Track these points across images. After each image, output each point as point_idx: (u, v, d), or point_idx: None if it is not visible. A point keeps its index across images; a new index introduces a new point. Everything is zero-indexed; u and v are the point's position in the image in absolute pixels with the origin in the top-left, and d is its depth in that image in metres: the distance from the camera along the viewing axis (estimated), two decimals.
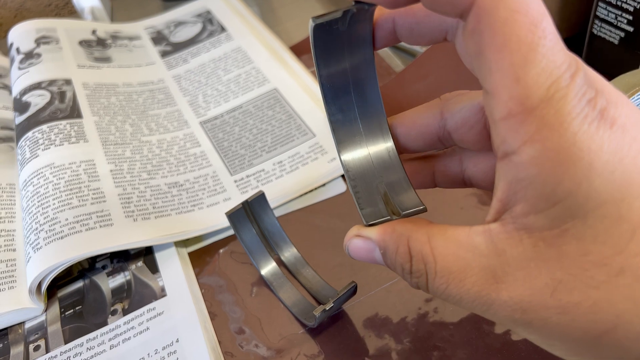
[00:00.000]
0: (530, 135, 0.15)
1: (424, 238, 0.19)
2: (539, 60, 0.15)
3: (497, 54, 0.15)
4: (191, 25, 0.56)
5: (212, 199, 0.38)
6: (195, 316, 0.32)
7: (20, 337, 0.33)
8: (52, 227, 0.34)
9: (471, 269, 0.17)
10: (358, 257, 0.22)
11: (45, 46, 0.50)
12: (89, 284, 0.35)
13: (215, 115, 0.45)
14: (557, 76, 0.15)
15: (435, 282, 0.18)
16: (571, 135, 0.15)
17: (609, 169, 0.15)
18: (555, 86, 0.15)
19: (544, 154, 0.15)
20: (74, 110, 0.44)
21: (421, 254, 0.19)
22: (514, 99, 0.15)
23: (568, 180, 0.15)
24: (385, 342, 0.30)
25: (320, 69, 0.21)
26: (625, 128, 0.15)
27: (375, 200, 0.22)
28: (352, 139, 0.23)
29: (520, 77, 0.15)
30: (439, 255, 0.18)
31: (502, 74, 0.15)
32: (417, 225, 0.20)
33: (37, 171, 0.38)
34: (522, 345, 0.28)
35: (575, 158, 0.15)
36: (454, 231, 0.18)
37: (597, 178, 0.15)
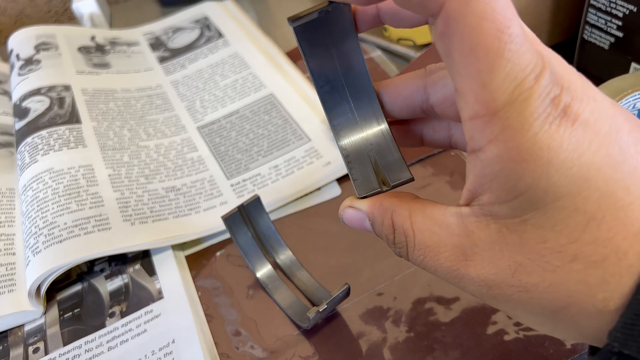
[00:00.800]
0: (494, 135, 0.16)
1: (405, 213, 0.21)
2: (504, 65, 0.16)
3: (465, 59, 0.16)
4: (189, 31, 0.57)
5: (208, 202, 0.39)
6: (191, 318, 0.32)
7: (20, 340, 0.34)
8: (51, 231, 0.35)
9: (444, 245, 0.19)
10: (351, 225, 0.23)
11: (44, 52, 0.51)
12: (88, 287, 0.36)
13: (212, 120, 0.46)
14: (521, 79, 0.16)
15: (414, 253, 0.21)
16: (532, 135, 0.16)
17: (568, 165, 0.16)
18: (519, 89, 0.16)
19: (506, 153, 0.16)
20: (73, 115, 0.44)
21: (402, 227, 0.21)
22: (479, 102, 0.16)
23: (528, 176, 0.16)
24: (379, 342, 0.30)
25: (309, 62, 0.22)
26: (588, 123, 0.16)
27: (367, 171, 0.23)
28: (343, 114, 0.24)
29: (486, 82, 0.16)
30: (417, 230, 0.20)
31: (469, 78, 0.16)
32: (401, 201, 0.21)
33: (36, 176, 0.39)
34: (513, 345, 0.29)
35: (535, 157, 0.16)
36: (432, 209, 0.20)
37: (555, 174, 0.16)
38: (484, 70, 0.16)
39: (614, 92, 0.34)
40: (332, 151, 0.41)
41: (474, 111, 0.17)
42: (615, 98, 0.34)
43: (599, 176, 0.16)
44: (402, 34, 0.51)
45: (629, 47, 0.40)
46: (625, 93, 0.34)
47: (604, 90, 0.34)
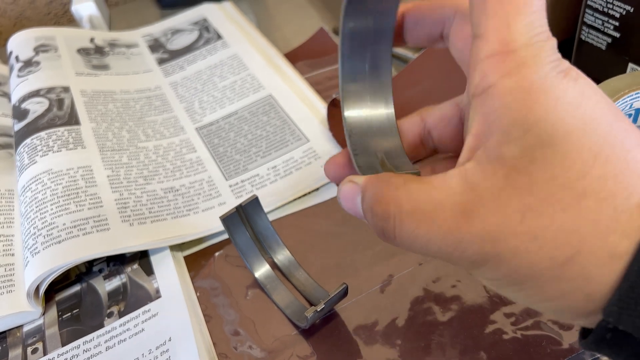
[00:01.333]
0: (509, 70, 0.17)
1: (399, 181, 0.20)
2: (528, 15, 0.18)
3: (497, 4, 0.18)
4: (188, 33, 0.57)
5: (207, 203, 0.39)
6: (187, 317, 0.32)
7: (19, 340, 0.34)
8: (49, 232, 0.35)
9: (442, 207, 0.18)
10: (345, 204, 0.22)
11: (44, 54, 0.51)
12: (86, 287, 0.36)
13: (210, 121, 0.46)
14: (539, 32, 0.18)
15: (405, 224, 0.19)
16: (544, 74, 0.17)
17: (575, 104, 0.17)
18: (536, 38, 0.17)
19: (518, 85, 0.17)
20: (72, 117, 0.44)
21: (394, 197, 0.19)
22: (501, 41, 0.18)
23: (538, 108, 0.17)
24: (377, 342, 0.30)
25: (346, 20, 0.22)
26: (587, 85, 0.18)
27: (374, 164, 0.23)
28: (358, 101, 0.24)
29: (510, 24, 0.18)
30: (412, 197, 0.19)
31: (496, 20, 0.18)
32: (399, 174, 0.21)
33: (35, 177, 0.39)
34: (511, 345, 0.29)
35: (546, 91, 0.17)
36: (430, 177, 0.19)
37: (562, 110, 0.17)
38: (511, 13, 0.18)
39: (611, 92, 0.34)
40: (330, 152, 0.41)
41: (493, 49, 0.18)
42: (613, 98, 0.34)
43: (603, 119, 0.17)
44: None
45: (626, 47, 0.40)
46: (622, 93, 0.34)
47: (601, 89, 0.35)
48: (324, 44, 0.53)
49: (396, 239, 0.20)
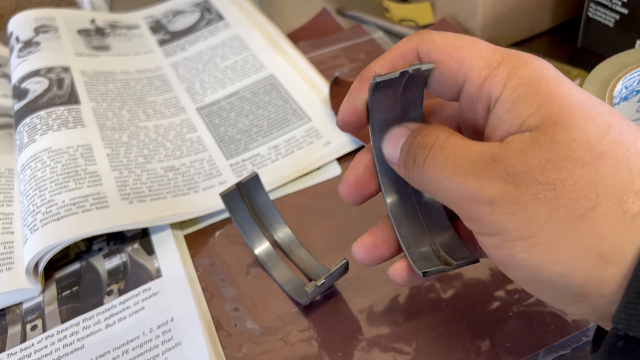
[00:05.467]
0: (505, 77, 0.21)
1: (447, 129, 0.22)
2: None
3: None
4: (189, 14, 0.57)
5: (207, 182, 0.38)
6: (190, 296, 0.32)
7: (18, 318, 0.33)
8: (48, 209, 0.34)
9: (474, 150, 0.20)
10: (388, 146, 0.23)
11: (44, 35, 0.51)
12: (86, 265, 0.35)
13: (211, 101, 0.46)
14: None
15: (438, 154, 0.21)
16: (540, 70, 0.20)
17: (576, 88, 0.20)
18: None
19: (519, 79, 0.20)
20: (72, 96, 0.44)
21: (437, 134, 0.21)
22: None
23: (546, 86, 0.20)
24: (378, 319, 0.30)
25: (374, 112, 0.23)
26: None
27: (429, 256, 0.24)
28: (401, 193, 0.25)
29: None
30: (452, 138, 0.21)
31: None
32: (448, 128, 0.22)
33: (34, 155, 0.38)
34: (514, 321, 0.28)
35: (548, 78, 0.20)
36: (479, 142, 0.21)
37: (568, 89, 0.19)
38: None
39: (619, 67, 0.33)
40: (332, 131, 0.41)
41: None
42: (620, 73, 0.33)
43: (603, 103, 0.19)
44: (404, 15, 0.50)
45: (634, 24, 0.39)
46: (630, 68, 0.33)
47: (609, 65, 0.34)
48: (327, 24, 0.53)
49: (423, 167, 0.21)
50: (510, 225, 0.19)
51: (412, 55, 0.23)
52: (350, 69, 0.47)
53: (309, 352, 0.29)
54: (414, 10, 0.49)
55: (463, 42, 0.22)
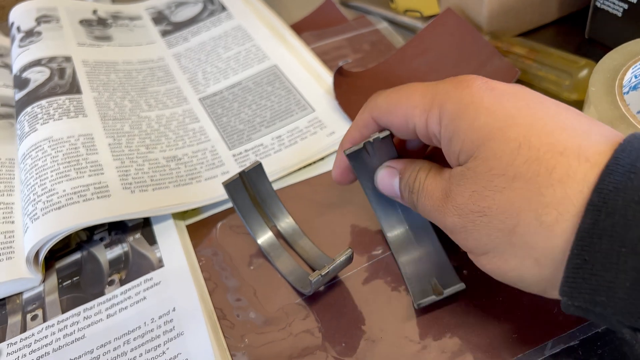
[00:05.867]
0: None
1: (426, 167, 0.27)
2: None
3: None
4: (192, 5, 0.56)
5: (210, 172, 0.38)
6: (192, 286, 0.32)
7: (18, 307, 0.33)
8: (49, 198, 0.34)
9: (438, 189, 0.25)
10: (383, 184, 0.29)
11: (45, 25, 0.50)
12: (87, 255, 0.35)
13: (214, 91, 0.45)
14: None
15: (422, 198, 0.26)
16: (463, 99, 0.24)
17: (492, 110, 0.22)
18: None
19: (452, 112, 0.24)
20: (74, 86, 0.44)
21: (420, 179, 0.27)
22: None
23: (464, 119, 0.23)
24: (382, 310, 0.30)
25: (363, 183, 0.31)
26: (505, 92, 0.23)
27: (427, 290, 0.29)
28: (405, 245, 0.31)
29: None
30: (428, 180, 0.26)
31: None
32: (427, 162, 0.27)
33: (35, 144, 0.38)
34: (522, 312, 0.28)
35: (466, 107, 0.23)
36: (444, 169, 0.26)
37: (483, 115, 0.22)
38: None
39: (628, 56, 0.33)
40: (336, 121, 0.40)
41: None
42: (630, 61, 0.32)
43: (520, 115, 0.22)
44: (409, 5, 0.50)
45: None
46: (638, 57, 0.33)
47: (618, 54, 0.33)
48: (331, 14, 0.52)
49: (417, 207, 0.27)
50: (471, 245, 0.24)
51: (372, 123, 0.28)
52: (355, 59, 0.46)
53: (312, 342, 0.29)
54: (419, 0, 0.49)
55: (401, 97, 0.26)
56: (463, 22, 0.43)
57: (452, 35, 0.43)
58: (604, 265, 0.19)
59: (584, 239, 0.19)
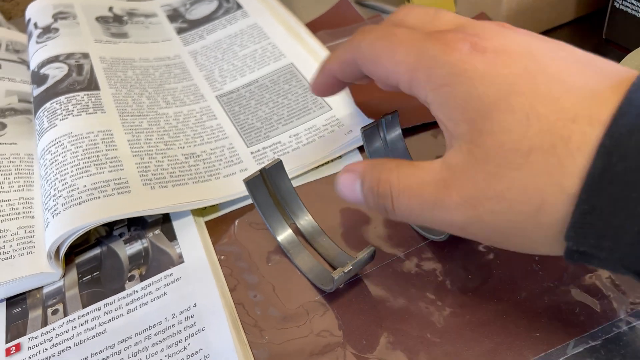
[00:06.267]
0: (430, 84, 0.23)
1: (392, 165, 0.24)
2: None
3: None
4: (207, 3, 0.56)
5: (228, 169, 0.38)
6: (212, 282, 0.32)
7: (39, 302, 0.33)
8: (70, 194, 0.34)
9: (427, 183, 0.22)
10: (344, 190, 0.26)
11: (62, 21, 0.51)
12: (106, 250, 0.35)
13: (231, 89, 0.45)
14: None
15: (399, 199, 0.23)
16: (453, 66, 0.21)
17: (488, 77, 0.20)
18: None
19: (443, 81, 0.22)
20: (92, 82, 0.44)
21: (389, 179, 0.23)
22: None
23: (460, 90, 0.21)
24: (402, 308, 0.30)
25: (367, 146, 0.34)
26: (498, 51, 0.21)
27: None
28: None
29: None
30: (403, 178, 0.23)
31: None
32: (392, 160, 0.24)
33: (55, 140, 0.38)
34: (543, 312, 0.28)
35: (459, 76, 0.21)
36: (419, 162, 0.23)
37: (480, 85, 0.20)
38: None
39: None
40: (354, 120, 0.40)
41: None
42: None
43: (521, 81, 0.20)
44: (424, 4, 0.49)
45: None
46: None
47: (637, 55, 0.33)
48: (346, 13, 0.52)
49: (395, 212, 0.24)
50: (489, 237, 0.22)
51: (354, 64, 0.27)
52: None
53: (333, 340, 0.29)
54: (436, 0, 0.49)
55: (384, 48, 0.24)
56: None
57: None
58: (612, 211, 0.18)
59: (593, 184, 0.18)
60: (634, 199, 0.18)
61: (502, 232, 0.21)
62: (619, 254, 0.18)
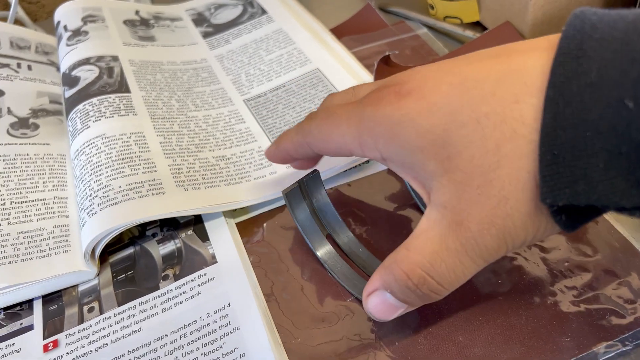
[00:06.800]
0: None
1: (404, 252, 0.24)
2: None
3: None
4: (232, 8, 0.57)
5: (258, 172, 0.39)
6: (245, 282, 0.33)
7: (75, 299, 0.34)
8: (105, 194, 0.35)
9: (440, 235, 0.23)
10: (381, 314, 0.26)
11: (91, 24, 0.52)
12: (140, 250, 0.36)
13: (258, 93, 0.46)
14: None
15: (437, 270, 0.23)
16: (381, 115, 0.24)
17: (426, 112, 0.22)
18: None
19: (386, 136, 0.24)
20: (122, 85, 0.45)
21: (409, 264, 0.24)
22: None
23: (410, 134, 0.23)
24: (435, 311, 0.30)
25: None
26: (412, 92, 0.23)
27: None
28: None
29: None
30: (420, 253, 0.23)
31: None
32: (394, 253, 0.25)
33: (89, 141, 0.39)
34: (573, 317, 0.29)
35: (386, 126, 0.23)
36: (414, 233, 0.24)
37: (424, 121, 0.22)
38: None
39: None
40: None
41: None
42: None
43: (454, 100, 0.21)
44: (449, 11, 0.50)
45: None
46: None
47: None
48: (370, 19, 0.53)
49: (444, 286, 0.24)
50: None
51: (306, 146, 0.29)
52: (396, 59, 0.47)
53: (365, 341, 0.30)
54: (460, 7, 0.49)
55: (331, 126, 0.26)
56: (517, 36, 0.43)
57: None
58: (573, 155, 0.19)
59: (548, 134, 0.19)
60: (589, 137, 0.18)
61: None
62: (595, 194, 0.19)
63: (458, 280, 0.24)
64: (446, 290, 0.24)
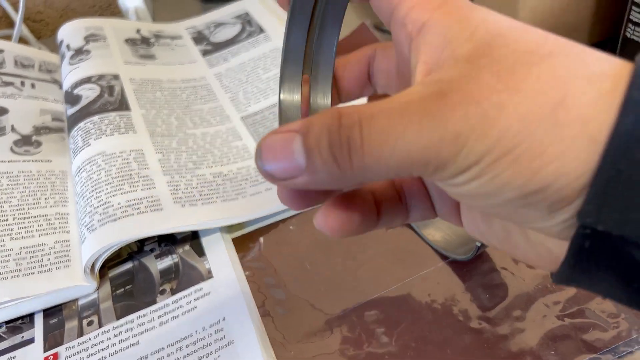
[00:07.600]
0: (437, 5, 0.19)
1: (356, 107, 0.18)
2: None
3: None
4: (231, 26, 0.58)
5: (254, 188, 0.40)
6: (240, 297, 0.33)
7: (74, 313, 0.35)
8: (105, 210, 0.36)
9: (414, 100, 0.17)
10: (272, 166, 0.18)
11: (93, 43, 0.53)
12: (138, 265, 0.37)
13: (255, 111, 0.47)
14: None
15: (373, 122, 0.17)
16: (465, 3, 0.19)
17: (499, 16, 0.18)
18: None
19: (450, 11, 0.18)
20: (123, 103, 0.46)
21: (356, 109, 0.17)
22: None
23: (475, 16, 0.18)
24: (444, 317, 0.31)
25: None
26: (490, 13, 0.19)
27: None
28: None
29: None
30: (378, 104, 0.17)
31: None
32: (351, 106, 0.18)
33: (89, 159, 0.40)
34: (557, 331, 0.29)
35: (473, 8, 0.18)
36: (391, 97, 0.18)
37: (493, 17, 0.18)
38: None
39: None
40: None
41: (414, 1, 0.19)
42: None
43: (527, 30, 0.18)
44: None
45: None
46: None
47: None
48: (365, 38, 0.54)
49: (364, 145, 0.17)
50: (485, 148, 0.16)
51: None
52: None
53: (358, 355, 0.30)
54: None
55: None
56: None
57: None
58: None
59: (620, 144, 0.15)
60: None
61: (510, 135, 0.16)
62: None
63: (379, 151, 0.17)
64: (362, 164, 0.17)
